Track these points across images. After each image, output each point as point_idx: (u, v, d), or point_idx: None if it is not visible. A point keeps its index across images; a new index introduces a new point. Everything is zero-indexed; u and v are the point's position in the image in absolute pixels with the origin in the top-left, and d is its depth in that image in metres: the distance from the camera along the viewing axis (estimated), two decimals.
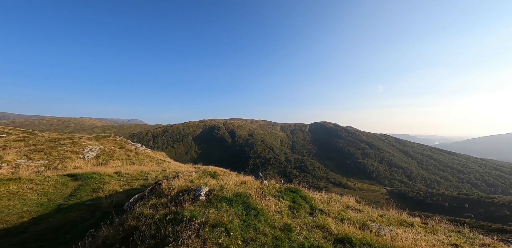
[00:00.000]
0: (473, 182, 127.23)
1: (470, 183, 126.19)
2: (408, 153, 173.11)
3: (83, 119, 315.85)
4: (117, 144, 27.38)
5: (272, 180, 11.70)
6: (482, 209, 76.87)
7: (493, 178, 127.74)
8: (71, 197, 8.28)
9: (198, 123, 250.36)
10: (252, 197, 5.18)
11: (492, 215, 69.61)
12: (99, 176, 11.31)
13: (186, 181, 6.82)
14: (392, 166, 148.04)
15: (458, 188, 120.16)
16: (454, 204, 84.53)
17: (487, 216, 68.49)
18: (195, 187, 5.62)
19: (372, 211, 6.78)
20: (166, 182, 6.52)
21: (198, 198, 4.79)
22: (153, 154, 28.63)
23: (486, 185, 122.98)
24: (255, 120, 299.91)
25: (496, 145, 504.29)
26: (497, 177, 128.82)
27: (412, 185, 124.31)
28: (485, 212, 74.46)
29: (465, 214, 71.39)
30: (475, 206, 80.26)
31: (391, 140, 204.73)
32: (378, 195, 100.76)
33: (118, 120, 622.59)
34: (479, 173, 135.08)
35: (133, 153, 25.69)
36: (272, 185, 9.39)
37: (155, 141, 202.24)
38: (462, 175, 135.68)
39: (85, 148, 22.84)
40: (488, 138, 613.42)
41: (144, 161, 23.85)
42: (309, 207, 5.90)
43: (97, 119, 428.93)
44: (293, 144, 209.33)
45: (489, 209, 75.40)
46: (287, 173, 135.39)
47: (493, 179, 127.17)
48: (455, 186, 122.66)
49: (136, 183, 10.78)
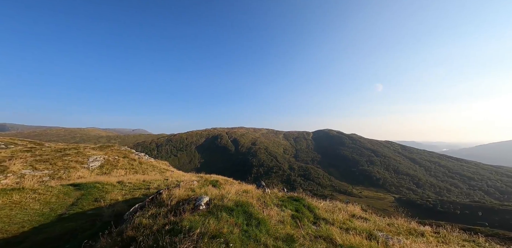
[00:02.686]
0: (485, 189, 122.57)
1: (482, 191, 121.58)
2: (415, 159, 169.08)
3: (89, 130, 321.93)
4: (121, 154, 27.63)
5: (275, 188, 11.33)
6: (497, 217, 73.54)
7: (506, 185, 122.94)
8: (73, 206, 8.25)
9: (201, 132, 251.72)
10: (254, 206, 5.04)
11: (508, 223, 66.40)
12: (101, 185, 11.30)
13: (187, 190, 6.72)
14: (399, 173, 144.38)
15: (469, 195, 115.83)
16: (467, 212, 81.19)
17: (502, 224, 65.35)
18: (196, 196, 5.51)
19: (379, 219, 6.50)
20: (167, 191, 6.45)
21: (198, 207, 4.69)
22: (156, 163, 28.71)
23: (499, 192, 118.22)
24: (257, 128, 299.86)
25: (507, 151, 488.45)
26: (510, 184, 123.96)
27: (421, 192, 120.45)
28: (500, 220, 71.17)
29: (479, 222, 68.28)
30: (489, 214, 76.89)
31: (397, 147, 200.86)
32: (385, 203, 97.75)
33: (122, 130, 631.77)
34: (491, 180, 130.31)
35: (136, 162, 25.83)
36: (275, 193, 9.21)
37: (159, 150, 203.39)
38: (473, 182, 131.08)
39: (89, 158, 23.10)
40: (498, 144, 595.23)
41: (147, 170, 23.88)
42: (312, 216, 5.69)
43: (103, 129, 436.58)
44: (296, 152, 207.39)
45: (504, 217, 72.07)
46: (291, 181, 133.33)
47: (506, 186, 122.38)
48: (466, 194, 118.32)
49: (138, 192, 10.71)
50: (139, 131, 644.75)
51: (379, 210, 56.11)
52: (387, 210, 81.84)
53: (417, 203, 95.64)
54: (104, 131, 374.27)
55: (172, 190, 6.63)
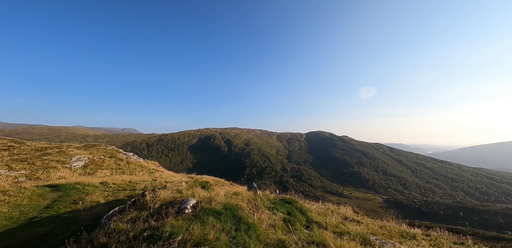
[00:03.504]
0: (466, 190, 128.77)
1: (464, 191, 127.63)
2: (402, 162, 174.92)
3: (75, 129, 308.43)
4: (107, 153, 26.48)
5: (267, 190, 11.10)
6: (477, 217, 77.33)
7: (485, 186, 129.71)
8: (47, 209, 7.58)
9: (194, 132, 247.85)
10: (244, 210, 4.74)
11: (487, 223, 69.96)
12: (82, 186, 10.54)
13: (174, 192, 6.31)
14: (387, 175, 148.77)
15: (452, 196, 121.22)
16: (449, 212, 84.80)
17: (481, 224, 68.78)
18: (182, 199, 5.14)
19: (371, 222, 6.40)
20: (151, 193, 5.99)
21: (183, 211, 4.33)
22: (146, 163, 27.69)
23: (479, 193, 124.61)
24: (251, 129, 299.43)
25: (487, 154, 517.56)
26: (489, 185, 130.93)
27: (407, 193, 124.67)
28: (479, 220, 74.87)
29: (460, 222, 71.50)
30: (469, 214, 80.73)
31: (385, 149, 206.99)
32: (374, 204, 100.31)
33: (111, 129, 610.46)
34: (472, 181, 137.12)
35: (124, 162, 24.79)
36: (266, 195, 8.89)
37: (150, 150, 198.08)
38: (455, 183, 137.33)
39: (72, 157, 21.88)
40: (478, 147, 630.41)
41: (136, 170, 22.93)
42: (305, 220, 5.46)
43: (90, 128, 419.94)
44: (289, 153, 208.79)
45: (483, 217, 75.90)
46: (284, 182, 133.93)
47: (485, 187, 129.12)
48: (449, 195, 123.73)
49: (122, 194, 10.09)
50: (128, 130, 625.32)
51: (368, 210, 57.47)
52: (376, 211, 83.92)
53: (403, 203, 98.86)
54: (92, 130, 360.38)
55: (157, 191, 6.18)
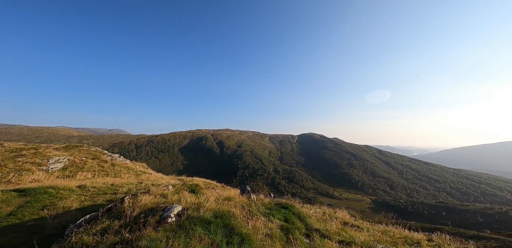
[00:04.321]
0: (448, 190, 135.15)
1: (446, 192, 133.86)
2: (390, 163, 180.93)
3: (58, 129, 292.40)
4: (90, 154, 24.87)
5: (261, 194, 10.62)
6: (458, 216, 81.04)
7: (465, 187, 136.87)
8: (10, 216, 6.59)
9: (185, 133, 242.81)
10: (237, 218, 4.19)
11: (467, 222, 73.45)
12: (56, 190, 9.45)
13: (157, 197, 5.64)
14: (375, 176, 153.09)
15: (435, 196, 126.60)
16: (433, 212, 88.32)
17: (462, 223, 72.09)
18: (165, 206, 4.50)
19: (371, 227, 6.05)
20: (131, 198, 5.31)
21: (165, 220, 3.73)
22: (133, 165, 26.24)
23: (460, 193, 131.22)
24: (243, 131, 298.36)
25: (467, 156, 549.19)
26: (469, 185, 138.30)
27: (394, 194, 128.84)
28: (460, 219, 78.47)
29: (443, 221, 74.57)
30: (451, 213, 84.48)
31: (374, 151, 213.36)
32: (363, 205, 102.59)
33: (97, 130, 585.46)
34: (453, 182, 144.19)
35: (108, 164, 23.29)
36: (261, 200, 8.38)
37: (138, 152, 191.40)
38: (438, 184, 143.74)
39: (50, 159, 20.22)
40: (459, 149, 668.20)
41: (121, 172, 21.54)
42: (304, 227, 4.99)
43: (74, 128, 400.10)
44: (281, 154, 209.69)
45: (464, 216, 79.66)
46: (276, 183, 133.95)
47: (465, 187, 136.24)
48: (432, 195, 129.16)
49: (101, 198, 9.13)
50: (116, 131, 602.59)
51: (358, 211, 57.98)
52: (365, 212, 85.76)
53: (391, 204, 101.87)
54: (76, 131, 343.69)
55: (139, 196, 5.49)
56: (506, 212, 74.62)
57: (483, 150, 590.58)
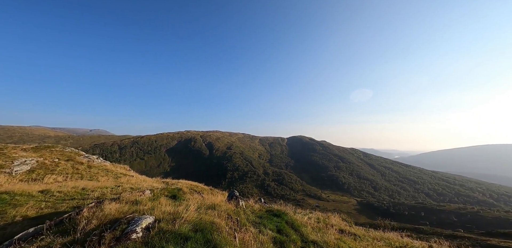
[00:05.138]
0: (426, 192, 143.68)
1: (424, 193, 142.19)
2: (374, 166, 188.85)
3: (32, 129, 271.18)
4: (64, 156, 23.09)
5: (251, 199, 9.86)
6: (435, 216, 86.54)
7: (441, 188, 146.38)
8: None
9: (173, 134, 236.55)
10: (221, 231, 3.60)
11: (443, 222, 78.70)
12: (11, 196, 8.26)
13: (128, 205, 4.87)
14: (361, 178, 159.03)
15: (415, 197, 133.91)
16: (413, 213, 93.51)
17: (439, 223, 77.10)
18: (132, 217, 3.81)
19: (367, 233, 6.03)
20: (93, 207, 4.62)
21: (128, 236, 3.08)
22: (113, 167, 24.69)
23: (436, 194, 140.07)
24: (233, 133, 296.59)
25: (443, 159, 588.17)
26: (444, 187, 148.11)
27: (378, 195, 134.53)
28: (437, 219, 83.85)
29: (422, 222, 79.24)
30: (429, 214, 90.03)
31: (359, 154, 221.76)
32: (349, 206, 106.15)
33: (78, 130, 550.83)
34: (430, 184, 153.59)
35: (84, 166, 21.61)
36: (251, 206, 7.72)
37: (122, 153, 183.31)
38: (417, 185, 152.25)
39: (15, 161, 18.48)
40: (436, 153, 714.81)
41: (98, 175, 20.04)
42: (299, 239, 4.60)
43: (51, 128, 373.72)
44: (271, 157, 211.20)
45: (440, 217, 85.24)
46: (265, 185, 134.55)
47: (441, 189, 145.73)
48: (412, 196, 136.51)
49: (66, 205, 8.16)
50: (98, 131, 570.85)
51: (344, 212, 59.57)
52: (351, 213, 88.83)
53: (375, 205, 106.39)
54: (53, 131, 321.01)
55: (104, 204, 4.72)
56: (477, 212, 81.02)
57: (457, 153, 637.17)
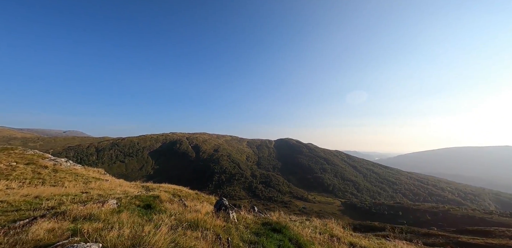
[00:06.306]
0: (403, 192, 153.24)
1: (401, 193, 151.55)
2: (356, 167, 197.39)
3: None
4: (25, 159, 20.10)
5: (243, 209, 8.14)
6: (411, 215, 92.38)
7: (417, 188, 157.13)
8: None
9: (157, 136, 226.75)
10: None
11: (418, 220, 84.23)
12: None
13: (75, 223, 3.39)
14: (344, 180, 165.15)
15: (393, 197, 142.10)
16: (392, 212, 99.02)
17: (415, 222, 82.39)
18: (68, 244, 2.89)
19: (368, 243, 5.78)
20: (11, 230, 3.37)
21: None
22: (84, 170, 21.93)
23: (412, 194, 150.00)
24: (221, 135, 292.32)
25: (418, 160, 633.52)
26: (419, 187, 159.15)
27: (360, 196, 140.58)
28: (413, 218, 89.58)
29: (400, 221, 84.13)
30: (406, 213, 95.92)
31: (343, 156, 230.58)
32: (334, 207, 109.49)
33: (49, 131, 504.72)
34: (407, 184, 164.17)
35: (48, 170, 18.78)
36: (244, 219, 6.21)
37: (100, 156, 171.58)
38: (395, 186, 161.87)
39: None
40: (412, 154, 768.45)
41: (64, 180, 17.45)
42: None
43: (18, 129, 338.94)
44: (259, 159, 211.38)
45: (416, 215, 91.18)
46: (253, 188, 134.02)
47: (417, 189, 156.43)
48: (391, 196, 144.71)
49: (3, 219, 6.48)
50: (73, 133, 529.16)
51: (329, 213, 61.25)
52: (335, 214, 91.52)
53: (357, 206, 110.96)
54: (20, 132, 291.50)
55: (36, 222, 3.35)
56: (447, 211, 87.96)
57: (430, 155, 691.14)
